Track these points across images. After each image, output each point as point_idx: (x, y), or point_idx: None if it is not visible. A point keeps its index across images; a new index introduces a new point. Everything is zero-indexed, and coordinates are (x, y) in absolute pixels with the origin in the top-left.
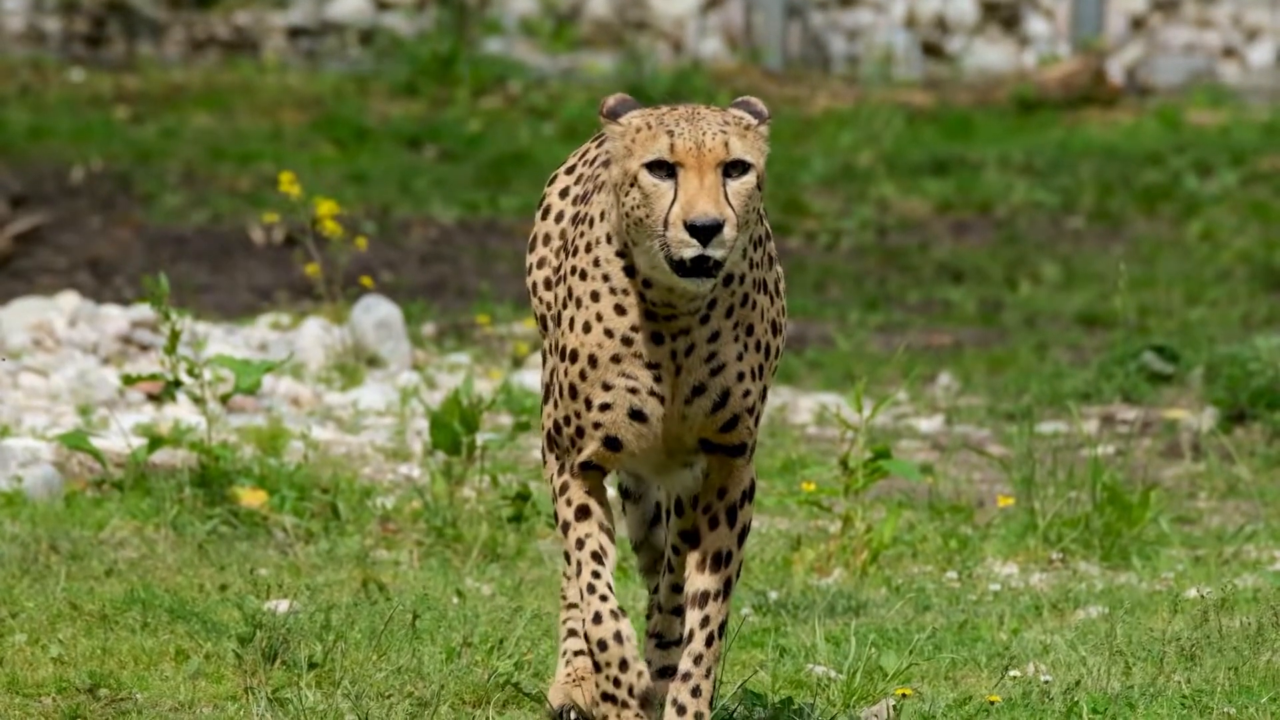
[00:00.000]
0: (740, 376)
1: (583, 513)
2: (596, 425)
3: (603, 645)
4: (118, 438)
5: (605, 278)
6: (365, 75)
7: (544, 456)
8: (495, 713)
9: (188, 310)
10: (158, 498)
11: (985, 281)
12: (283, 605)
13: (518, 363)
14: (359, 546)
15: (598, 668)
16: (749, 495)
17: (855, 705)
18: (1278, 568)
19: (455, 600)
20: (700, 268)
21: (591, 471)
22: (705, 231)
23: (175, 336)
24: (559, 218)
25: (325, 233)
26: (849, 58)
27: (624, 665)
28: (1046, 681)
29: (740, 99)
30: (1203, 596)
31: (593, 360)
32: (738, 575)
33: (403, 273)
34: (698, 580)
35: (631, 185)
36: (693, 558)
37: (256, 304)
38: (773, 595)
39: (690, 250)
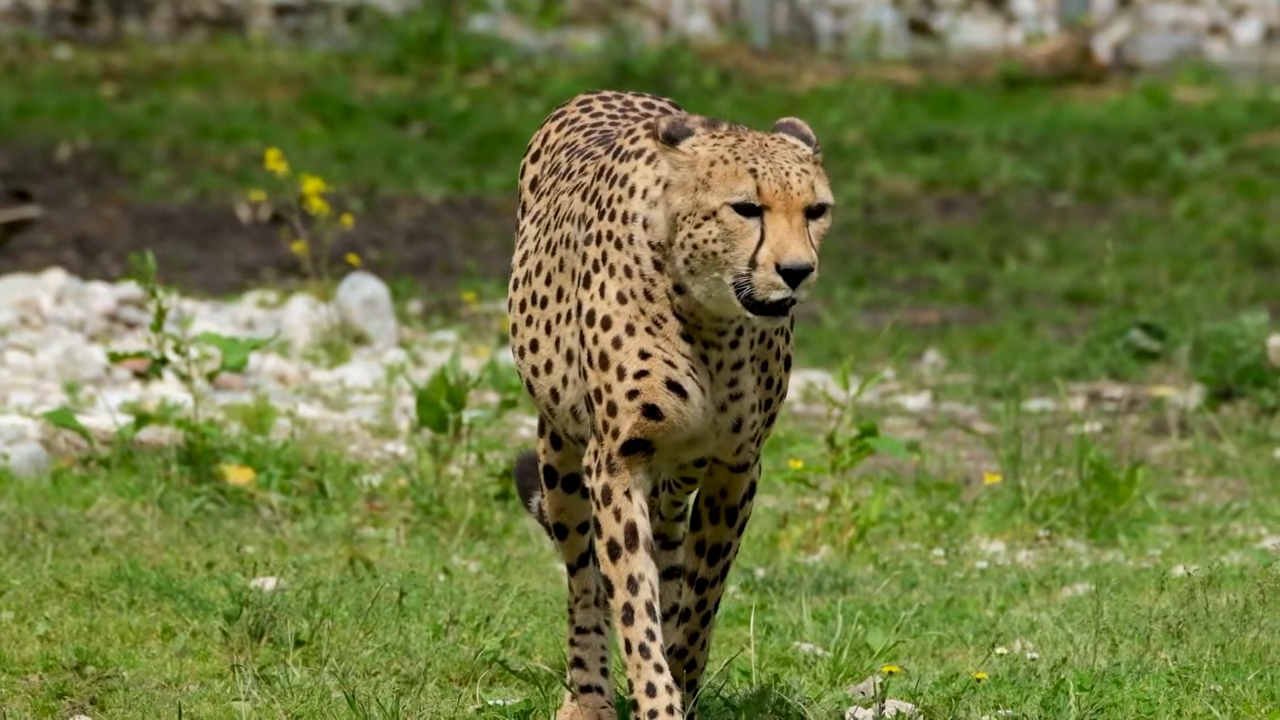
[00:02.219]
0: (752, 408)
1: (632, 534)
2: (632, 394)
3: (653, 715)
4: (104, 415)
5: (636, 259)
6: (352, 53)
7: (541, 489)
8: (482, 690)
9: (174, 288)
10: (144, 475)
11: (972, 259)
12: (269, 583)
13: (504, 340)
14: (346, 524)
15: None
16: (750, 495)
17: (842, 683)
18: (1264, 545)
19: (442, 578)
20: (779, 307)
21: (634, 459)
22: (797, 275)
23: (162, 314)
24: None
25: (312, 210)
26: (836, 35)
27: None
28: (1033, 659)
29: (785, 122)
30: (1189, 574)
31: (630, 329)
32: (734, 558)
33: (389, 250)
34: (696, 565)
35: (706, 219)
36: (691, 540)
37: (243, 282)
38: (760, 573)
39: (779, 293)
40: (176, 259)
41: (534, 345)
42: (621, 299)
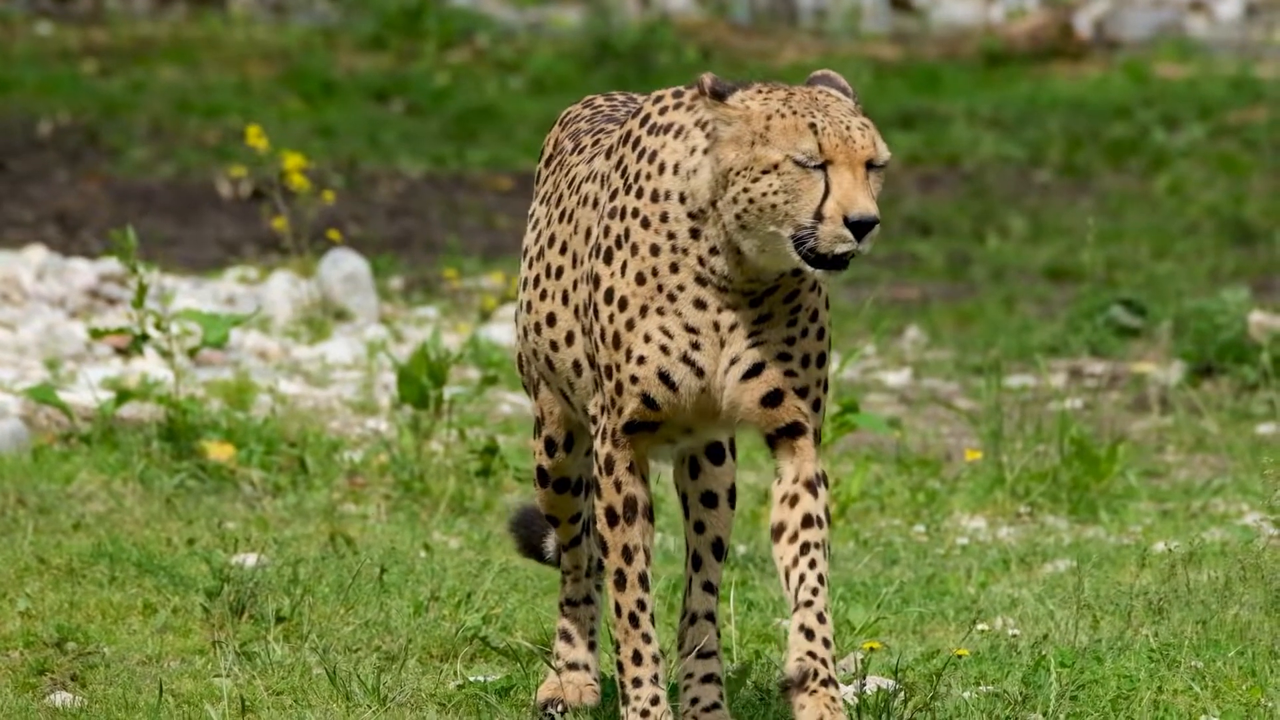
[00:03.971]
0: (786, 357)
1: (631, 508)
2: (634, 379)
3: (638, 683)
4: (85, 391)
5: (670, 235)
6: (333, 28)
7: (535, 486)
8: (463, 666)
9: (155, 264)
10: (125, 451)
11: (953, 235)
12: (250, 559)
13: (485, 316)
14: (326, 500)
15: (625, 699)
16: (823, 479)
17: None
18: (1245, 521)
19: (423, 554)
20: (841, 261)
21: (638, 435)
22: (864, 228)
23: (143, 290)
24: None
25: (292, 186)
26: (816, 11)
27: (655, 700)
28: (1014, 635)
29: (821, 74)
30: (1170, 550)
31: (643, 310)
32: (828, 551)
33: (370, 226)
34: (793, 548)
35: (765, 173)
36: (783, 538)
37: (224, 258)
38: (741, 549)
39: (845, 246)
40: (157, 235)
41: (551, 319)
42: (640, 279)
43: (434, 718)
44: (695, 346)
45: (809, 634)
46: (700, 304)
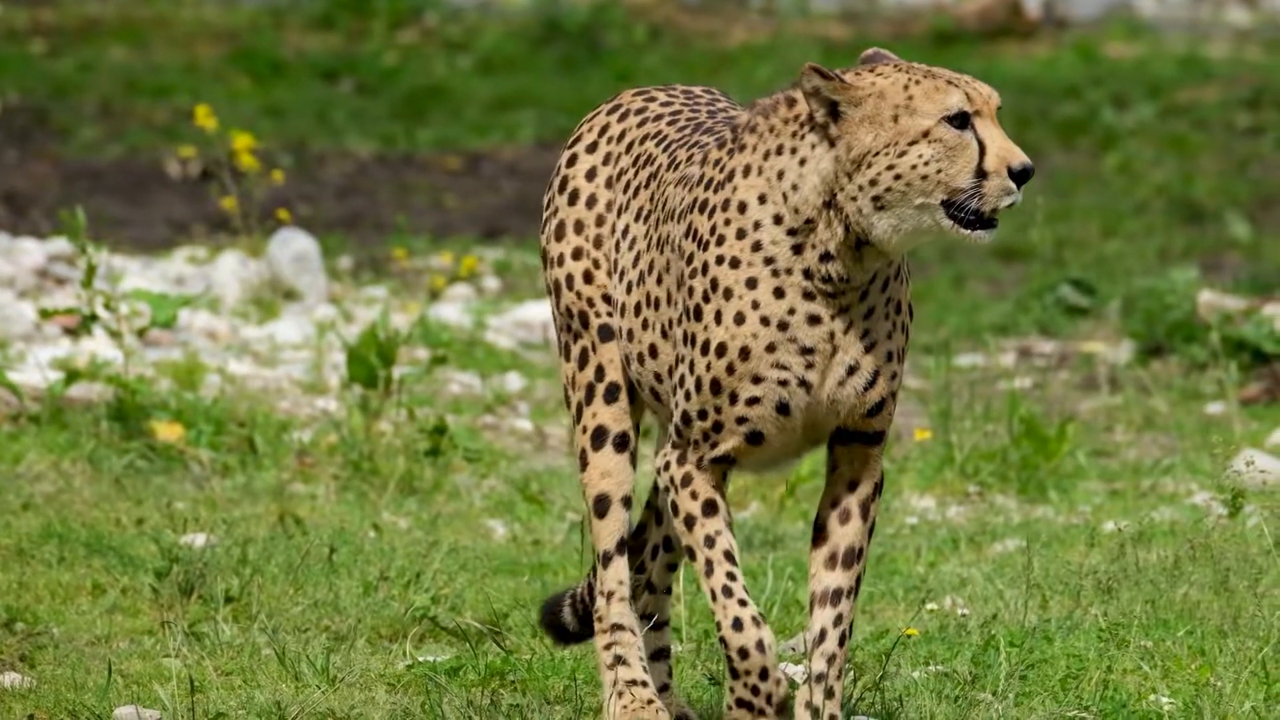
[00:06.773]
0: (890, 356)
1: (710, 508)
2: (741, 420)
3: (744, 653)
4: (34, 371)
5: (768, 260)
6: (281, 8)
7: (581, 463)
8: (412, 646)
9: (104, 244)
10: (74, 432)
11: None
12: (199, 539)
13: (434, 296)
14: (276, 480)
15: (735, 674)
16: (880, 489)
17: None
18: (1194, 501)
19: (372, 534)
20: (995, 220)
21: (721, 465)
22: (1026, 176)
23: (92, 270)
24: (590, 202)
25: (241, 166)
26: None
27: (764, 674)
28: (964, 615)
29: (873, 51)
30: (1120, 530)
31: (744, 352)
32: (859, 583)
33: (319, 206)
34: (828, 578)
35: (913, 144)
36: (821, 554)
37: (173, 237)
38: None
39: (1010, 198)
40: (106, 215)
41: (653, 350)
42: (739, 319)
43: (383, 698)
44: (809, 366)
45: (815, 713)
46: (814, 319)
